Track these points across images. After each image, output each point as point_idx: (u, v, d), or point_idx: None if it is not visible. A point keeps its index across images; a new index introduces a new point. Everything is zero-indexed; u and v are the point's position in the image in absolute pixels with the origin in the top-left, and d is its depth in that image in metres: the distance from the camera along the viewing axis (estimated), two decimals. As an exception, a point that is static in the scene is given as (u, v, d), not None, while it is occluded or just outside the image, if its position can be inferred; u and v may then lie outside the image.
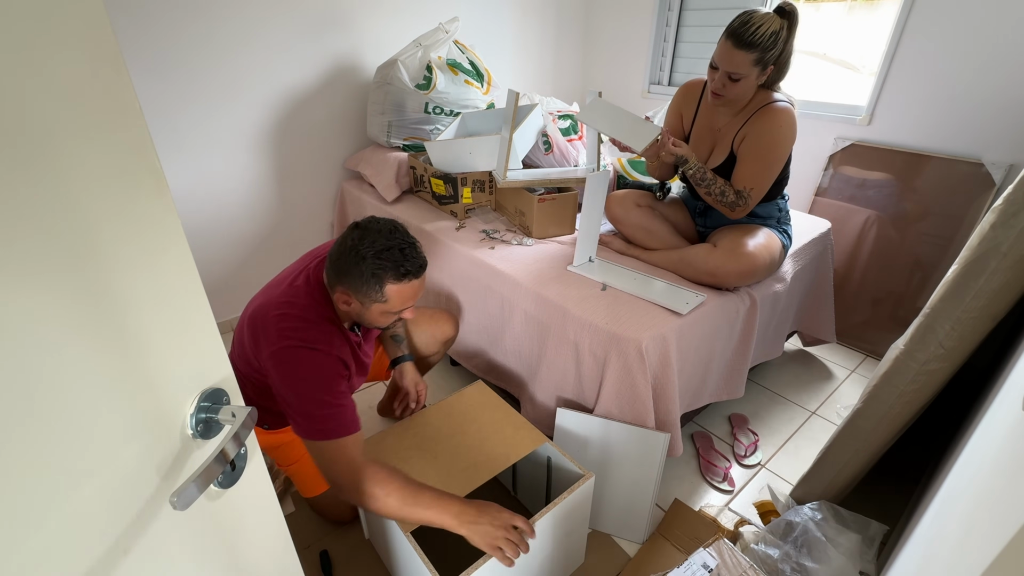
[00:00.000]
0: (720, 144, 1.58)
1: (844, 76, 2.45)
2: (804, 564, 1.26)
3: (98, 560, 0.45)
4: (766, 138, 1.42)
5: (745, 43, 1.35)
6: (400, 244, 1.05)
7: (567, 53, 3.14)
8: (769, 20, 1.34)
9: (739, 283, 1.54)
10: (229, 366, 0.57)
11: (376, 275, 1.03)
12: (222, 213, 2.23)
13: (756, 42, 1.34)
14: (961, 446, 1.08)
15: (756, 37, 1.34)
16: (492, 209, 2.10)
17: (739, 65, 1.38)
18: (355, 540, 1.46)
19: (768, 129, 1.43)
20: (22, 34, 0.35)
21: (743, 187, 1.45)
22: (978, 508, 0.66)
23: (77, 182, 0.40)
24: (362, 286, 1.04)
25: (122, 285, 0.44)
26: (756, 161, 1.44)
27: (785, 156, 1.46)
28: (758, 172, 1.43)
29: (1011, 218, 0.99)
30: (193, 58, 1.93)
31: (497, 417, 1.38)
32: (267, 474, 0.66)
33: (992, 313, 1.07)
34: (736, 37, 1.36)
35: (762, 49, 1.35)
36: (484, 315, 1.77)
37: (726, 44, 1.38)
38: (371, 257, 1.03)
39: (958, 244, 1.96)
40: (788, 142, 1.45)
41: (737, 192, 1.46)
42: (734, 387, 1.72)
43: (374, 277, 1.03)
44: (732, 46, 1.37)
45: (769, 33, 1.33)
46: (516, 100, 1.71)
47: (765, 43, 1.34)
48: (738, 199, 1.46)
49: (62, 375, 0.41)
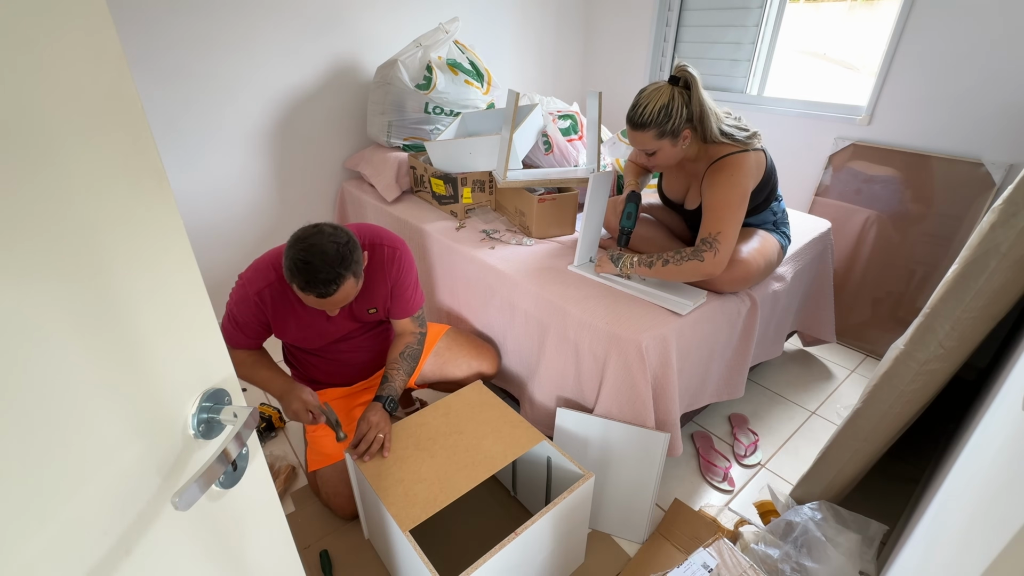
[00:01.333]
0: (694, 188, 1.58)
1: (844, 76, 2.46)
2: (804, 564, 1.26)
3: (100, 560, 0.45)
4: (719, 191, 1.42)
5: (638, 125, 1.39)
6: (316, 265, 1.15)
7: (567, 53, 3.14)
8: (655, 96, 1.36)
9: (734, 289, 1.54)
10: (231, 366, 0.57)
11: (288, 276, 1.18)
12: (223, 213, 2.23)
13: (647, 122, 1.37)
14: (961, 446, 1.09)
15: (645, 117, 1.37)
16: (492, 209, 2.10)
17: (644, 143, 1.42)
18: (355, 540, 1.46)
19: (719, 181, 1.42)
20: (25, 35, 0.36)
21: (709, 233, 1.42)
22: (978, 508, 0.66)
23: (79, 182, 0.40)
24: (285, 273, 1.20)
25: (124, 285, 0.45)
26: (715, 211, 1.42)
27: (743, 199, 1.43)
28: (721, 218, 1.41)
29: (1011, 218, 0.99)
30: (194, 58, 1.93)
31: (495, 416, 1.38)
32: (268, 474, 0.66)
33: (992, 313, 1.07)
34: (630, 121, 1.41)
35: (657, 125, 1.37)
36: (484, 315, 1.78)
37: (628, 128, 1.44)
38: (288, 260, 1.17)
39: (958, 244, 1.96)
40: (740, 188, 1.42)
41: (703, 240, 1.42)
42: (734, 387, 1.72)
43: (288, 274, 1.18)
44: (631, 129, 1.42)
45: (657, 109, 1.36)
46: (516, 100, 1.71)
47: (656, 119, 1.36)
48: (703, 244, 1.42)
49: (64, 375, 0.41)
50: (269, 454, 1.74)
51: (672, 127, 1.38)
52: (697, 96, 1.38)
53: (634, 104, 1.40)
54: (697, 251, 1.42)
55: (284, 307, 1.34)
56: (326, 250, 1.15)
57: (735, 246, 1.52)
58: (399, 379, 1.41)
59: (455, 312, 1.92)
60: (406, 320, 1.48)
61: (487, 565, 1.04)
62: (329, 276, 1.15)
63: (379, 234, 1.42)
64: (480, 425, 1.35)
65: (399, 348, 1.46)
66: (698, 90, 1.37)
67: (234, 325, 1.34)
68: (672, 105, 1.36)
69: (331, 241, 1.17)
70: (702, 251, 1.41)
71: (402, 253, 1.42)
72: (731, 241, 1.41)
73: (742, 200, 1.42)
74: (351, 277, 1.19)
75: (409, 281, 1.44)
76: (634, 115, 1.40)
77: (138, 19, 1.78)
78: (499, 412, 1.40)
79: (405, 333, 1.49)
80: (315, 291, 1.16)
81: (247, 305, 1.31)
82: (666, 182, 1.68)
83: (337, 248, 1.17)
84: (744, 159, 1.41)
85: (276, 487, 1.17)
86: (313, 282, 1.15)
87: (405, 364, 1.44)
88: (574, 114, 2.27)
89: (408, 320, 1.48)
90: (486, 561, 1.04)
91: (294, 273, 1.16)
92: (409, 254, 1.45)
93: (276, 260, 1.31)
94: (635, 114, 1.39)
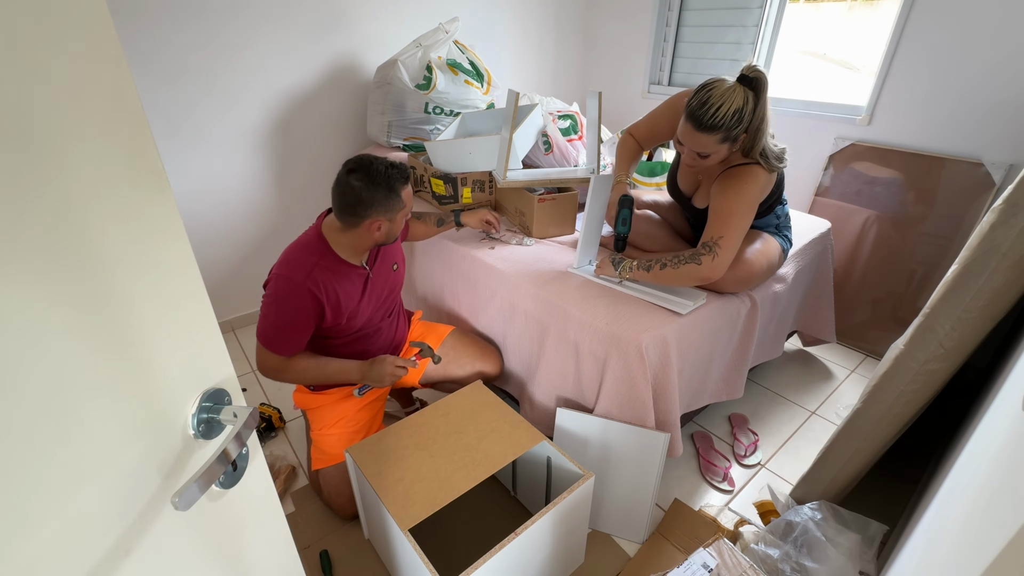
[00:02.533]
0: (703, 187, 1.56)
1: (844, 76, 2.46)
2: (804, 564, 1.26)
3: (100, 560, 0.45)
4: (728, 197, 1.38)
5: (705, 127, 1.28)
6: (387, 163, 1.29)
7: (567, 53, 3.14)
8: (730, 97, 1.26)
9: (736, 289, 1.54)
10: (231, 366, 0.57)
11: (393, 188, 1.28)
12: (223, 213, 2.23)
13: (718, 124, 1.27)
14: (961, 446, 1.09)
15: (717, 119, 1.26)
16: (492, 209, 2.10)
17: (704, 146, 1.32)
18: (355, 540, 1.46)
19: (730, 187, 1.38)
20: (26, 35, 0.36)
21: (711, 237, 1.38)
22: (978, 508, 0.66)
23: (80, 182, 0.40)
24: (387, 202, 1.29)
25: (124, 285, 0.45)
26: (721, 216, 1.39)
27: (751, 209, 1.40)
28: (726, 223, 1.38)
29: (1011, 218, 0.99)
30: (195, 59, 1.93)
31: (495, 416, 1.38)
32: (268, 474, 0.66)
33: (992, 313, 1.07)
34: (696, 120, 1.28)
35: (726, 129, 1.27)
36: (483, 315, 1.78)
37: (686, 125, 1.32)
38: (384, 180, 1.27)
39: (958, 244, 1.96)
40: (749, 198, 1.39)
41: (703, 243, 1.40)
42: (734, 388, 1.72)
43: (392, 191, 1.28)
44: (692, 129, 1.30)
45: (732, 112, 1.26)
46: (516, 100, 1.71)
47: (728, 123, 1.26)
48: (703, 248, 1.39)
49: (64, 375, 0.41)
50: (269, 454, 1.74)
51: (737, 133, 1.29)
52: (764, 103, 1.28)
53: (703, 102, 1.27)
54: (696, 255, 1.40)
55: (336, 283, 1.33)
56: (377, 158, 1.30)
57: (740, 247, 1.52)
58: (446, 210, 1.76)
59: (455, 312, 1.92)
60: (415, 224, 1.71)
61: (487, 565, 1.04)
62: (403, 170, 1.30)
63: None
64: (480, 425, 1.35)
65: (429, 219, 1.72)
66: (766, 97, 1.28)
67: (292, 330, 1.30)
68: (745, 109, 1.26)
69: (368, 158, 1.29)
70: (701, 255, 1.39)
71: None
72: (733, 248, 1.38)
73: (749, 210, 1.39)
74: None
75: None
76: (703, 115, 1.27)
77: (138, 19, 1.79)
78: (499, 412, 1.40)
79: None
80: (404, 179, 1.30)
81: (301, 298, 1.27)
82: (682, 175, 1.64)
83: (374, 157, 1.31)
84: (759, 171, 1.37)
85: (276, 487, 1.17)
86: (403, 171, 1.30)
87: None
88: (574, 114, 2.27)
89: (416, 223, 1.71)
90: (486, 561, 1.04)
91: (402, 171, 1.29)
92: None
93: (310, 244, 1.34)
94: (705, 114, 1.27)
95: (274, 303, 1.28)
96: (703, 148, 1.33)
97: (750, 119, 1.29)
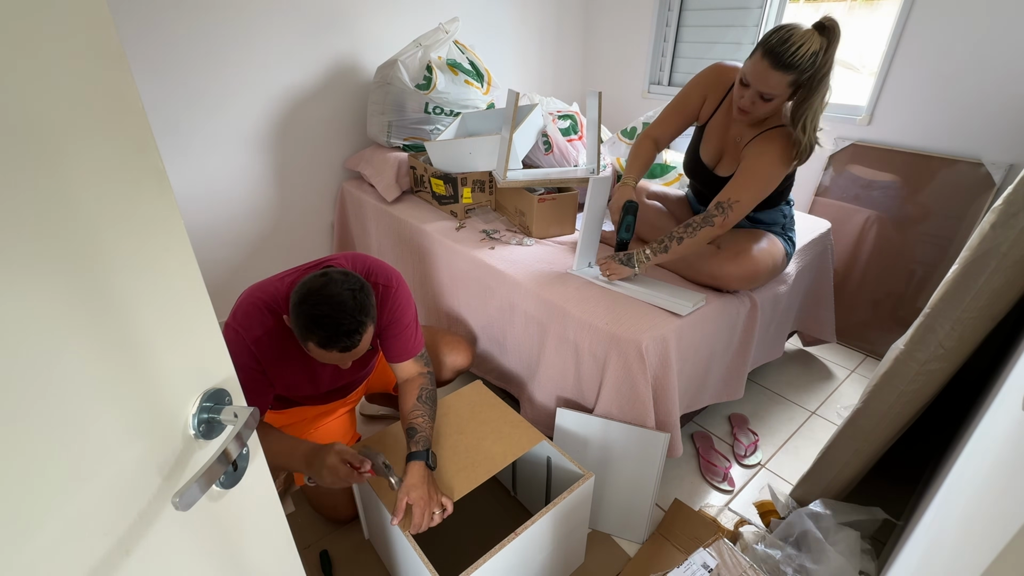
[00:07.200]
0: (729, 155, 1.53)
1: (844, 76, 2.46)
2: (804, 564, 1.26)
3: (100, 561, 0.45)
4: (763, 159, 1.36)
5: (783, 64, 1.24)
6: (336, 318, 1.03)
7: (567, 53, 3.14)
8: (810, 39, 1.23)
9: (740, 287, 1.54)
10: (231, 366, 0.57)
11: (304, 333, 1.05)
12: (223, 213, 2.23)
13: (796, 64, 1.23)
14: (961, 446, 1.09)
15: (796, 58, 1.23)
16: (492, 209, 2.11)
17: (774, 86, 1.29)
18: (355, 540, 1.46)
19: (767, 150, 1.36)
20: (25, 34, 0.36)
21: (727, 198, 1.37)
22: (978, 508, 0.66)
23: (80, 182, 0.40)
24: (296, 329, 1.07)
25: (124, 285, 0.44)
26: (747, 176, 1.38)
27: (776, 180, 1.40)
28: (748, 187, 1.37)
29: (1011, 218, 0.99)
30: (195, 58, 1.93)
31: (495, 416, 1.38)
32: (269, 474, 0.66)
33: (992, 313, 1.07)
34: (774, 57, 1.25)
35: (800, 71, 1.25)
36: (483, 315, 1.78)
37: (761, 63, 1.27)
38: (304, 317, 1.04)
39: (958, 244, 1.96)
40: (779, 167, 1.38)
41: (718, 203, 1.39)
42: (734, 388, 1.72)
43: (304, 331, 1.05)
44: (769, 66, 1.26)
45: (810, 54, 1.23)
46: (516, 100, 1.71)
47: (804, 64, 1.24)
48: (716, 208, 1.38)
49: (64, 375, 0.41)
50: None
51: (807, 78, 1.26)
52: (831, 55, 1.25)
53: (783, 39, 1.24)
54: (708, 217, 1.40)
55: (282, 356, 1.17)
56: (344, 300, 1.04)
57: (746, 244, 1.52)
58: (427, 426, 1.23)
59: (455, 312, 1.92)
60: (409, 362, 1.32)
61: (487, 565, 1.04)
62: (352, 327, 1.03)
63: (371, 269, 1.29)
64: (480, 425, 1.35)
65: (412, 394, 1.28)
66: (835, 50, 1.25)
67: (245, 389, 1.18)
68: (819, 56, 1.23)
69: (346, 289, 1.05)
70: (713, 216, 1.39)
71: (396, 289, 1.28)
72: (743, 212, 1.40)
73: (774, 179, 1.39)
74: (371, 324, 1.08)
75: (407, 319, 1.29)
76: (783, 52, 1.23)
77: (139, 19, 1.78)
78: (499, 412, 1.40)
79: (412, 377, 1.33)
80: (338, 346, 1.04)
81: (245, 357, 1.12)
82: (705, 144, 1.58)
83: (353, 295, 1.05)
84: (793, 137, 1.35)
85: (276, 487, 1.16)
86: (335, 336, 1.03)
87: (426, 408, 1.27)
88: (574, 114, 2.27)
89: (411, 362, 1.32)
90: (486, 561, 1.04)
91: (311, 330, 1.03)
92: (405, 289, 1.31)
93: (271, 301, 1.16)
94: (785, 51, 1.23)
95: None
96: (773, 88, 1.29)
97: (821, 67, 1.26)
